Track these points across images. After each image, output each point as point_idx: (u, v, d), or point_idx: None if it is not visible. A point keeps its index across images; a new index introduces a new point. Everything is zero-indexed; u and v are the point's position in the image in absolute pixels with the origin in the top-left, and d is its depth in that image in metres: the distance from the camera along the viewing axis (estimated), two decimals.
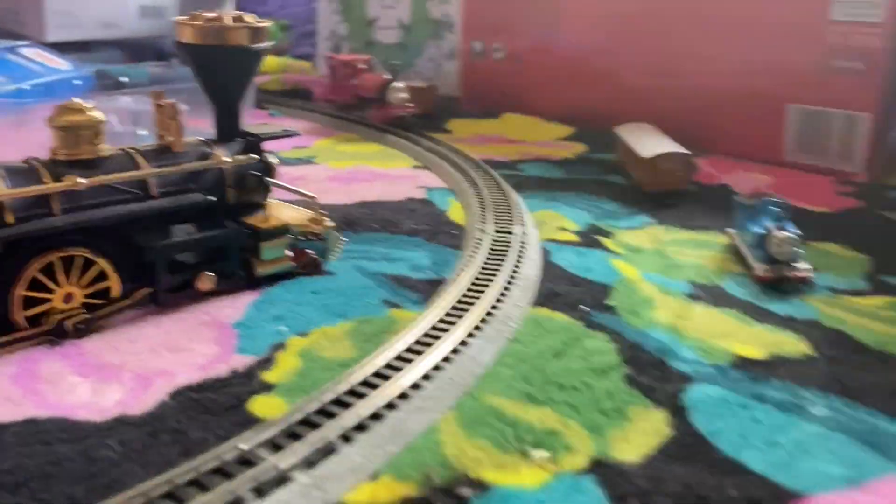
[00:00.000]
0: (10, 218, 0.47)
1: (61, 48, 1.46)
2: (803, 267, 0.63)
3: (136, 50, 1.60)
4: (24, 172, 0.49)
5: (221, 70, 0.57)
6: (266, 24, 0.57)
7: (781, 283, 0.62)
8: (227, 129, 0.59)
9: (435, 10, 1.36)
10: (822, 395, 0.46)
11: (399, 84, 1.15)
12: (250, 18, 0.57)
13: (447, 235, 0.72)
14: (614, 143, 1.02)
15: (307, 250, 0.61)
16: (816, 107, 0.98)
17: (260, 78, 1.39)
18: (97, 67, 1.16)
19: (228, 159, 0.56)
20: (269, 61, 1.53)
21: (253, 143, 0.59)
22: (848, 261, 0.70)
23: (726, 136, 1.05)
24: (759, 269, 0.63)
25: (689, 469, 0.39)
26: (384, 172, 0.95)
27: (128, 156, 0.53)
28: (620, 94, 1.15)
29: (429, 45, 1.38)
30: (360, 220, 0.74)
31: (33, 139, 0.66)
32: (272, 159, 0.60)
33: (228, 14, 0.56)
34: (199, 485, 0.34)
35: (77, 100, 0.51)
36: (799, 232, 0.64)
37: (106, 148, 0.52)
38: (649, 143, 0.90)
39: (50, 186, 0.48)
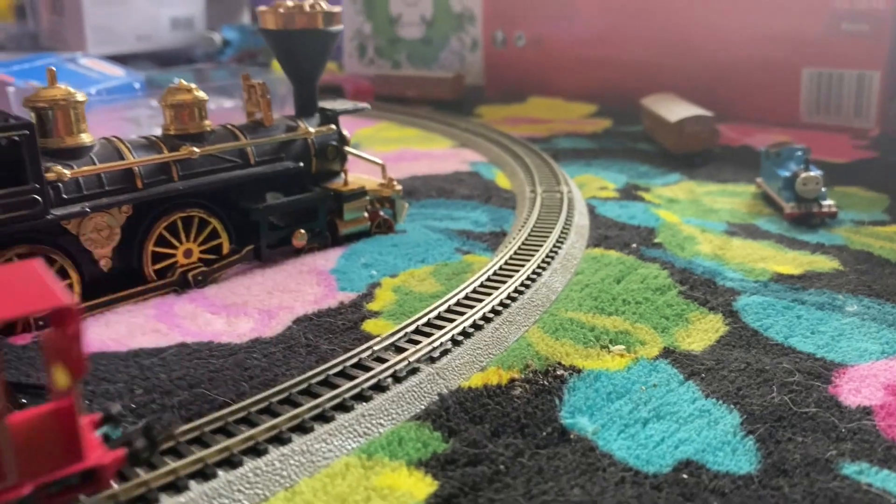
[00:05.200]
0: (139, 183, 0.54)
1: None
2: (828, 203, 0.70)
3: (167, 60, 1.68)
4: (146, 146, 0.56)
5: (301, 51, 0.64)
6: (338, 8, 0.64)
7: (809, 219, 0.69)
8: (306, 105, 0.66)
9: (456, 4, 1.43)
10: (854, 297, 0.53)
11: None
12: (325, 4, 0.64)
13: (499, 198, 0.79)
14: (640, 114, 1.09)
15: (380, 211, 0.68)
16: (829, 69, 1.05)
17: None
18: (146, 73, 1.24)
19: (312, 131, 0.64)
20: None
21: (330, 117, 0.66)
22: (869, 199, 0.76)
23: (744, 103, 1.12)
24: (788, 207, 0.70)
25: (746, 353, 0.46)
26: (427, 152, 1.01)
27: (227, 130, 0.60)
28: (639, 71, 1.22)
29: (452, 38, 1.45)
30: (417, 189, 0.81)
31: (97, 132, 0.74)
32: (346, 132, 0.67)
33: (306, 1, 0.63)
34: (346, 375, 0.41)
35: (183, 81, 0.58)
36: (822, 172, 0.71)
37: (209, 123, 0.59)
38: (674, 109, 0.97)
39: (170, 155, 0.55)
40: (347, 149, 0.67)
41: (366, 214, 0.67)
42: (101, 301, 0.52)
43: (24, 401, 0.41)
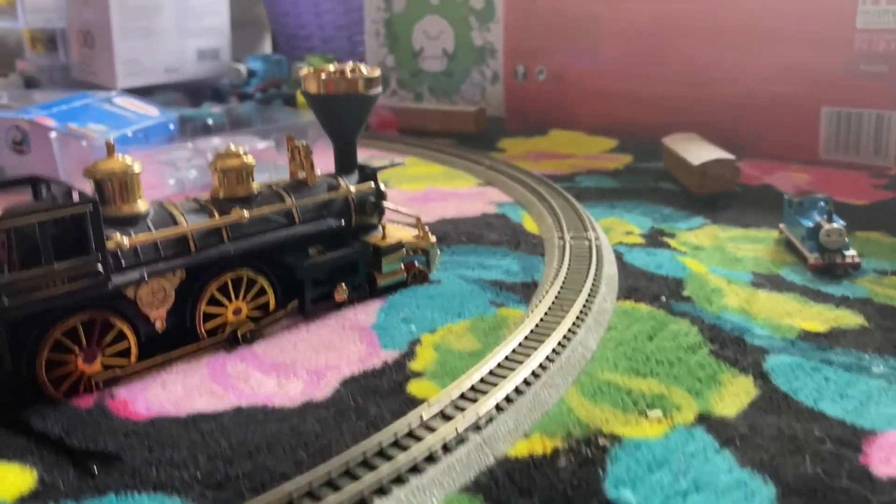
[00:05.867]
0: (192, 247, 0.57)
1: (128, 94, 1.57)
2: (851, 254, 0.72)
3: (194, 91, 1.72)
4: (197, 210, 0.59)
5: (342, 114, 0.67)
6: (377, 72, 0.67)
7: (833, 270, 0.71)
8: (346, 163, 0.69)
9: (478, 38, 1.46)
10: (880, 357, 0.55)
11: None
12: (365, 69, 0.66)
13: (528, 244, 0.81)
14: (661, 153, 1.11)
15: (415, 262, 0.71)
16: (848, 108, 1.07)
17: None
18: (180, 112, 1.27)
19: (353, 189, 0.66)
20: None
21: (369, 174, 0.68)
22: (891, 246, 0.78)
23: (763, 139, 1.14)
24: (812, 257, 0.72)
25: (778, 418, 0.48)
26: (454, 192, 1.04)
27: (273, 191, 0.63)
28: (659, 106, 1.24)
29: (473, 70, 1.48)
30: (448, 234, 0.84)
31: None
32: (384, 187, 0.70)
33: (347, 66, 0.66)
34: (399, 446, 0.43)
35: (233, 146, 0.61)
36: (844, 223, 0.73)
37: (256, 185, 0.62)
38: (696, 151, 0.99)
39: (221, 220, 0.58)
40: (385, 203, 0.70)
41: (402, 266, 0.69)
42: (156, 362, 0.55)
43: (95, 470, 0.43)
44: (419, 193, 1.03)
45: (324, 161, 0.69)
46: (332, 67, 0.66)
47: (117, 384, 0.53)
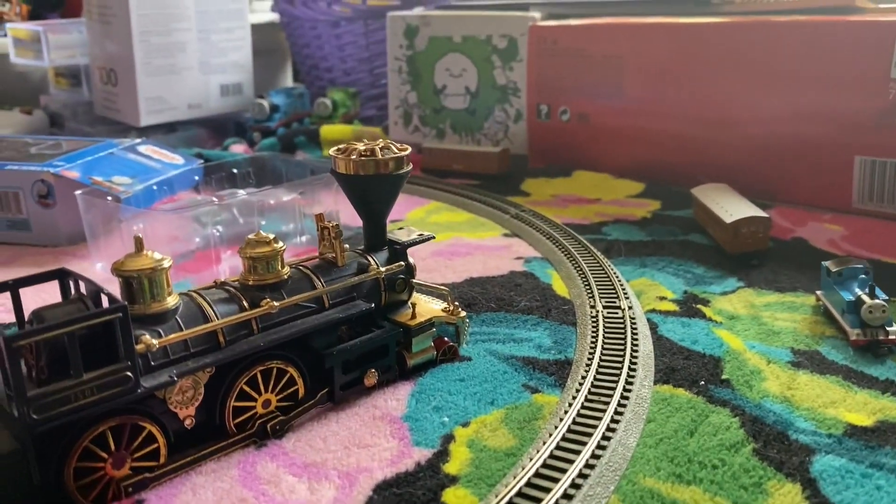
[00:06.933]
0: (222, 341, 0.56)
1: (151, 131, 1.58)
2: (894, 330, 0.69)
3: (216, 126, 1.72)
4: (225, 300, 0.58)
5: (371, 193, 0.65)
6: (408, 150, 0.66)
7: (876, 348, 0.69)
8: (376, 240, 0.67)
9: (500, 77, 1.45)
10: None
11: None
12: (395, 147, 0.65)
13: (559, 311, 0.79)
14: (690, 201, 1.09)
15: (444, 338, 0.69)
16: (882, 158, 1.04)
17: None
18: (203, 154, 1.27)
19: (383, 269, 0.65)
20: (342, 129, 1.63)
21: (399, 251, 0.67)
22: None
23: (794, 187, 1.12)
24: (853, 333, 0.70)
25: None
26: (479, 244, 1.03)
27: (303, 275, 0.62)
28: (686, 147, 1.22)
29: (496, 108, 1.47)
30: (476, 299, 0.82)
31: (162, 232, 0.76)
32: (412, 261, 0.69)
33: (376, 144, 0.65)
34: None
35: (262, 233, 0.60)
36: (887, 297, 0.71)
37: (286, 271, 0.61)
38: (728, 206, 0.97)
39: (252, 312, 0.57)
40: (415, 281, 0.68)
41: (432, 344, 0.68)
42: (185, 461, 0.54)
43: None
44: (444, 247, 1.02)
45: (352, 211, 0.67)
46: (361, 146, 0.65)
47: (147, 489, 0.52)
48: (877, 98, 1.03)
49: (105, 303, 0.51)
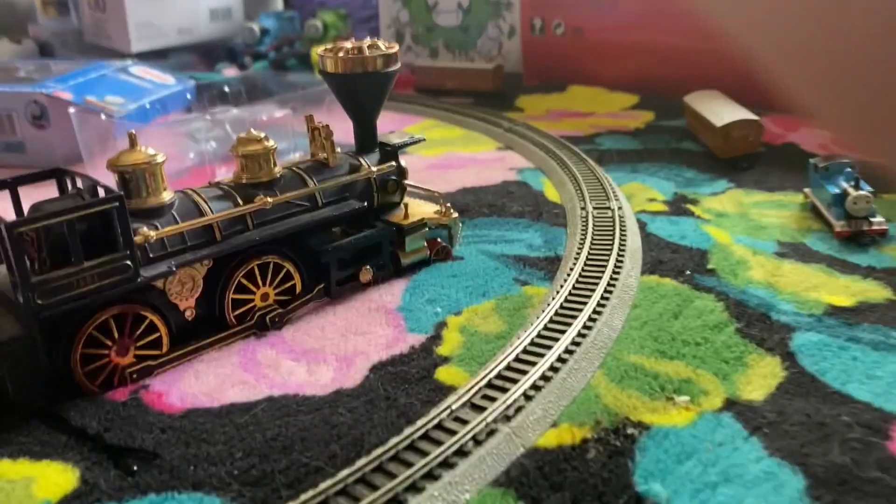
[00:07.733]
0: (218, 236, 0.57)
1: (143, 57, 1.57)
2: (879, 220, 0.71)
3: (207, 52, 1.70)
4: (220, 197, 0.59)
5: (361, 92, 0.66)
6: (395, 48, 0.66)
7: (860, 237, 0.70)
8: (367, 141, 0.68)
9: None
10: None
11: None
12: (383, 45, 0.65)
13: (550, 214, 0.81)
14: (683, 111, 1.09)
15: (438, 238, 0.71)
16: None
17: None
18: (195, 77, 1.26)
19: (375, 169, 0.66)
20: None
21: (390, 152, 0.68)
22: None
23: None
24: (838, 225, 0.71)
25: (806, 402, 0.48)
26: (473, 157, 1.03)
27: (295, 174, 0.63)
28: (680, 59, 1.22)
29: (489, 25, 1.46)
30: (469, 206, 0.83)
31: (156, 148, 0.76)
32: (404, 164, 0.69)
33: (364, 43, 0.65)
34: (430, 439, 0.44)
35: (254, 131, 0.61)
36: (871, 189, 0.72)
37: (278, 170, 0.62)
38: (719, 111, 0.97)
39: (246, 207, 0.58)
40: (407, 183, 0.69)
41: (425, 243, 0.69)
42: (187, 350, 0.56)
43: (134, 468, 0.44)
44: (438, 160, 1.02)
45: (343, 127, 0.68)
46: (349, 45, 0.65)
47: (151, 375, 0.54)
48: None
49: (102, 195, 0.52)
